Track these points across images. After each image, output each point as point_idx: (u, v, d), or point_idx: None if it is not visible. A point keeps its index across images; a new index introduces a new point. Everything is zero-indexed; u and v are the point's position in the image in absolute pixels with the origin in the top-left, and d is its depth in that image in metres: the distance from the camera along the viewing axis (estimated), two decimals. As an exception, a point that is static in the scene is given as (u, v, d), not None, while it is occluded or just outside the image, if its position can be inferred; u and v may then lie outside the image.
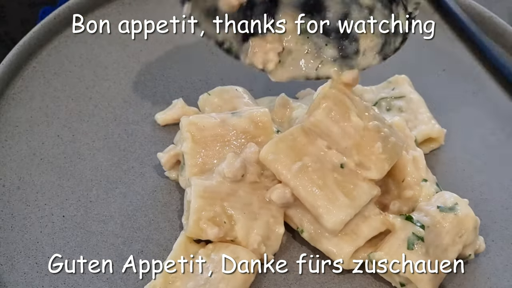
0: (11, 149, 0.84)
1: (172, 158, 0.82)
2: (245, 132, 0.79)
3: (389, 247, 0.74)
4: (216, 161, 0.78)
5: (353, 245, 0.75)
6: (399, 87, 0.91)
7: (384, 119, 0.79)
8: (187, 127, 0.80)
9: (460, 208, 0.76)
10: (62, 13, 0.95)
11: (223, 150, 0.78)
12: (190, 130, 0.80)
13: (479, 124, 0.93)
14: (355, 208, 0.73)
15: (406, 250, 0.73)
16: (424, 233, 0.73)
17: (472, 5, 1.01)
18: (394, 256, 0.73)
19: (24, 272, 0.75)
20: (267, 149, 0.75)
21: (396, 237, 0.74)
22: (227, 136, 0.79)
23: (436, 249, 0.73)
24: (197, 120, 0.81)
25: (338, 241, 0.75)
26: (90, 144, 0.86)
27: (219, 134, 0.79)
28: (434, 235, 0.74)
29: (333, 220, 0.72)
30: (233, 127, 0.79)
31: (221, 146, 0.79)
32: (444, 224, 0.74)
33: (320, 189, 0.73)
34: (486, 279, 0.78)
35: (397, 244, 0.74)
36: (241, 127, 0.79)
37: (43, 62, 0.93)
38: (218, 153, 0.78)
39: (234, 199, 0.75)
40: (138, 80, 0.94)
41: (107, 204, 0.81)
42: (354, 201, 0.73)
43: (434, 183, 0.82)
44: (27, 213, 0.79)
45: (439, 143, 0.89)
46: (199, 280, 0.71)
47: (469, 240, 0.76)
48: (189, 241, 0.75)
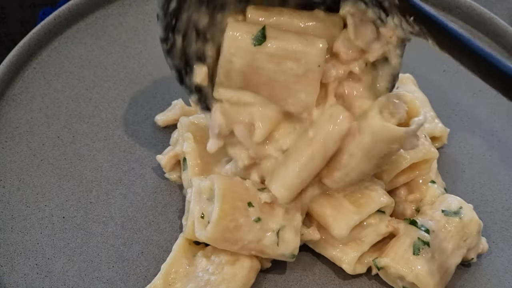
0: (11, 150, 0.84)
1: (172, 159, 0.82)
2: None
3: (394, 253, 0.73)
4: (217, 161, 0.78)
5: (358, 251, 0.75)
6: (404, 86, 0.91)
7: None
8: (188, 127, 0.80)
9: (464, 212, 0.76)
10: (62, 14, 0.95)
11: (224, 149, 0.78)
12: (191, 130, 0.80)
13: (479, 125, 0.93)
14: (361, 214, 0.73)
15: (412, 255, 0.72)
16: (429, 238, 0.73)
17: (473, 6, 1.01)
18: (400, 262, 0.73)
19: (24, 273, 0.75)
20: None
21: (401, 242, 0.74)
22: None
23: (441, 254, 0.73)
24: (197, 120, 0.81)
25: (343, 247, 0.75)
26: (90, 145, 0.86)
27: None
28: (440, 239, 0.73)
29: (340, 227, 0.72)
30: None
31: (222, 146, 0.78)
32: (449, 228, 0.74)
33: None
34: (486, 280, 0.78)
35: (402, 249, 0.73)
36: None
37: (43, 63, 0.93)
38: (219, 153, 0.78)
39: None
40: (138, 81, 0.94)
41: (107, 205, 0.81)
42: (360, 208, 0.73)
43: (443, 187, 0.82)
44: (27, 214, 0.79)
45: (442, 142, 0.89)
46: (200, 282, 0.71)
47: (473, 244, 0.76)
48: (189, 242, 0.75)
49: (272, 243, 0.70)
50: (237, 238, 0.70)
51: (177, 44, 0.69)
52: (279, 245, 0.71)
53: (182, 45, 0.69)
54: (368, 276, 0.78)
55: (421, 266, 0.72)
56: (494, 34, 0.99)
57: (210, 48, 0.71)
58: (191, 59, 0.70)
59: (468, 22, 1.00)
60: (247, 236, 0.70)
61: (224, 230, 0.69)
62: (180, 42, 0.69)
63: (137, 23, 1.00)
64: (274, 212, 0.71)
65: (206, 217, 0.71)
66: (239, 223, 0.69)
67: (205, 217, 0.71)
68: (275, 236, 0.70)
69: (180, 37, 0.68)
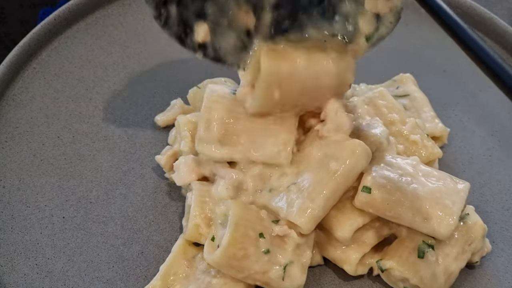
0: (11, 150, 0.84)
1: (171, 158, 0.82)
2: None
3: (399, 256, 0.73)
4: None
5: (360, 252, 0.75)
6: (404, 85, 0.91)
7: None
8: (186, 125, 0.80)
9: (469, 216, 0.76)
10: (62, 14, 0.95)
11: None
12: (189, 129, 0.80)
13: (479, 125, 0.93)
14: (364, 217, 0.73)
15: (416, 259, 0.72)
16: (434, 241, 0.73)
17: (473, 6, 1.01)
18: (405, 265, 0.72)
19: (24, 273, 0.75)
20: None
21: (406, 245, 0.74)
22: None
23: (446, 258, 0.73)
24: (194, 119, 0.81)
25: (345, 248, 0.75)
26: (90, 145, 0.86)
27: None
28: (444, 243, 0.73)
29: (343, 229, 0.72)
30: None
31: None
32: (454, 232, 0.74)
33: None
34: (486, 281, 0.78)
35: (407, 252, 0.73)
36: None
37: (43, 63, 0.93)
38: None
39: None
40: (138, 81, 0.94)
41: (107, 205, 0.81)
42: (364, 211, 0.73)
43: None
44: (27, 214, 0.79)
45: (442, 142, 0.89)
46: (200, 284, 0.71)
47: (477, 248, 0.76)
48: (188, 244, 0.75)
49: (277, 277, 0.70)
50: (244, 266, 0.69)
51: (171, 14, 0.70)
52: (285, 280, 0.70)
53: (178, 11, 0.70)
54: (369, 277, 0.78)
55: (426, 269, 0.71)
56: (494, 34, 0.99)
57: (210, 5, 0.71)
58: (189, 20, 0.71)
59: (468, 22, 1.00)
60: (254, 266, 0.69)
61: (232, 257, 0.68)
62: (174, 10, 0.70)
63: (137, 23, 1.00)
64: (284, 246, 0.71)
65: (217, 240, 0.71)
66: (248, 252, 0.69)
67: (215, 240, 0.71)
68: (281, 271, 0.70)
69: (174, 6, 0.70)
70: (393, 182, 0.72)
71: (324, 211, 0.71)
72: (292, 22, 0.71)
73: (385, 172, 0.73)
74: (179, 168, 0.78)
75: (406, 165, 0.75)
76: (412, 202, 0.71)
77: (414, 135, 0.82)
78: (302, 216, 0.69)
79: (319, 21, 0.71)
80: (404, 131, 0.82)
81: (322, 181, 0.70)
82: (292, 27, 0.71)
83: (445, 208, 0.71)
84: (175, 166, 0.79)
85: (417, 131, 0.82)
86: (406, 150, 0.81)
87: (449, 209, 0.71)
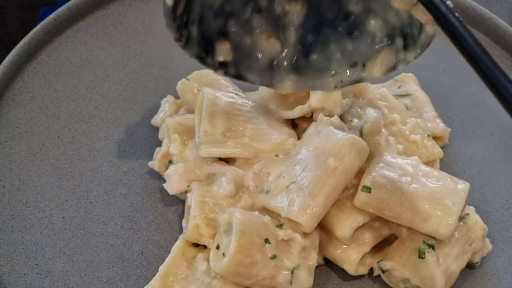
0: (11, 150, 0.84)
1: (163, 160, 0.82)
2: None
3: (400, 256, 0.73)
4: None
5: (360, 251, 0.75)
6: (405, 85, 0.91)
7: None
8: (174, 129, 0.80)
9: (469, 216, 0.76)
10: (62, 14, 0.95)
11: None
12: (178, 132, 0.80)
13: (479, 125, 0.93)
14: (365, 216, 0.73)
15: (417, 259, 0.72)
16: (434, 241, 0.73)
17: (473, 6, 1.01)
18: (405, 265, 0.73)
19: (24, 273, 0.75)
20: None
21: (406, 245, 0.74)
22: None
23: (446, 258, 0.73)
24: (184, 121, 0.81)
25: (345, 248, 0.75)
26: (90, 145, 0.86)
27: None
28: (444, 243, 0.73)
29: (344, 228, 0.72)
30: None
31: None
32: (454, 232, 0.74)
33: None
34: (486, 281, 0.78)
35: (408, 253, 0.73)
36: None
37: (43, 63, 0.93)
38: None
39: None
40: (138, 81, 0.94)
41: (107, 205, 0.81)
42: (364, 210, 0.73)
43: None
44: (27, 214, 0.79)
45: (443, 142, 0.89)
46: (200, 285, 0.71)
47: (478, 248, 0.76)
48: (188, 244, 0.75)
49: (285, 281, 0.70)
50: (251, 273, 0.69)
51: (193, 34, 0.69)
52: (292, 284, 0.70)
53: (198, 30, 0.69)
54: (369, 277, 0.78)
55: (426, 269, 0.71)
56: (494, 34, 0.99)
57: (233, 23, 0.71)
58: (211, 38, 0.70)
59: (468, 22, 1.00)
60: (262, 272, 0.69)
61: (240, 265, 0.68)
62: (195, 30, 0.69)
63: (137, 23, 1.00)
64: (290, 250, 0.71)
65: (222, 248, 0.71)
66: (255, 259, 0.68)
67: (220, 248, 0.71)
68: (289, 275, 0.70)
69: (195, 26, 0.68)
70: (393, 182, 0.72)
71: (325, 209, 0.71)
72: (317, 36, 0.71)
73: (385, 172, 0.73)
74: (170, 177, 0.78)
75: (406, 165, 0.75)
76: (412, 202, 0.71)
77: (415, 135, 0.82)
78: (304, 214, 0.69)
79: (344, 37, 0.72)
80: (405, 131, 0.82)
81: (322, 178, 0.70)
82: (316, 42, 0.71)
83: (445, 208, 0.71)
84: (166, 176, 0.79)
85: (418, 131, 0.82)
86: (406, 150, 0.81)
87: (449, 209, 0.71)
